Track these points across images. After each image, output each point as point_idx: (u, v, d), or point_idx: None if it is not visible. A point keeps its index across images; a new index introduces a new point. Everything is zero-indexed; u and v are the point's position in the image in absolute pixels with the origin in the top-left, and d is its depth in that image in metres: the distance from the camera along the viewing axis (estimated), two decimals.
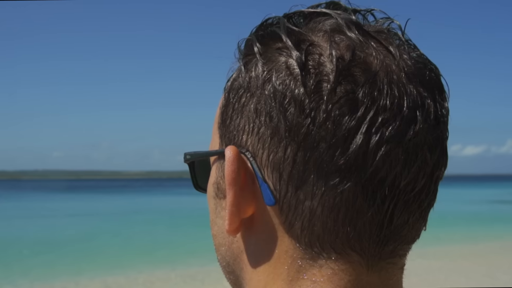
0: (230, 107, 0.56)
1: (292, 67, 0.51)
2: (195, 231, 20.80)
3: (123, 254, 14.62)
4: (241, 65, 0.56)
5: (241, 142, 0.54)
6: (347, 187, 0.49)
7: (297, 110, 0.50)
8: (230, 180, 0.53)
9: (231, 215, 0.53)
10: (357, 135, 0.48)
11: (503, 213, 28.29)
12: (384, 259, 0.52)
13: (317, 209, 0.50)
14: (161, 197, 56.40)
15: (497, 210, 30.51)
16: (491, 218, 23.90)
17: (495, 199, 45.15)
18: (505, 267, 11.55)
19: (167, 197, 56.21)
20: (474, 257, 12.75)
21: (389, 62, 0.51)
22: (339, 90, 0.49)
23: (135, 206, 39.77)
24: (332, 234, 0.50)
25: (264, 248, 0.54)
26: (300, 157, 0.50)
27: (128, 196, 61.27)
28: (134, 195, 63.03)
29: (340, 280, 0.51)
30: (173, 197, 56.40)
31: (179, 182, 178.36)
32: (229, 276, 0.61)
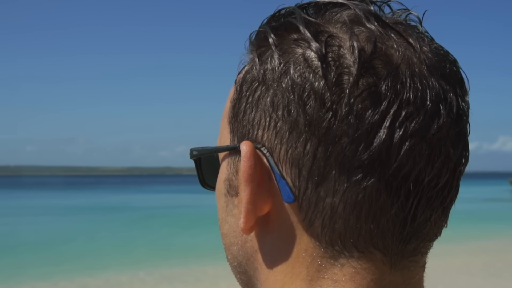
0: (243, 101, 0.55)
1: (311, 59, 0.51)
2: (176, 230, 20.75)
3: (99, 254, 14.54)
4: (255, 57, 0.55)
5: (256, 137, 0.53)
6: (371, 183, 0.49)
7: (318, 103, 0.49)
8: (247, 176, 0.52)
9: (247, 213, 0.53)
10: (380, 130, 0.48)
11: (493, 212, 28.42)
12: (407, 257, 0.52)
13: (339, 206, 0.50)
14: (141, 195, 56.12)
15: (487, 209, 30.66)
16: (481, 217, 23.95)
17: (486, 197, 45.57)
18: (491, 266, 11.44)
19: (148, 195, 55.95)
20: (468, 256, 12.68)
21: (410, 54, 0.51)
22: (361, 83, 0.49)
23: (113, 203, 39.45)
24: (355, 232, 0.50)
25: (281, 247, 0.54)
26: (321, 152, 0.49)
27: (106, 193, 60.89)
28: (111, 192, 62.65)
29: (362, 280, 0.51)
30: (154, 195, 56.16)
31: (161, 178, 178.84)
32: (240, 276, 0.60)
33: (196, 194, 57.67)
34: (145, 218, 26.44)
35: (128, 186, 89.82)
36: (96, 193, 59.44)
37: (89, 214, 29.15)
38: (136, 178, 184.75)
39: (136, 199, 46.51)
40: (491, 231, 18.01)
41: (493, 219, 23.31)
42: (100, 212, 30.37)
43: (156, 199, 47.44)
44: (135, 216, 27.87)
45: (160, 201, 42.99)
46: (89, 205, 36.52)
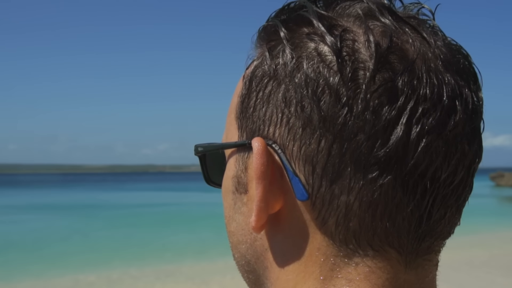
0: (253, 96, 0.54)
1: (324, 54, 0.50)
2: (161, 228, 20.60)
3: (87, 252, 14.45)
4: (265, 51, 0.54)
5: (268, 134, 0.52)
6: (387, 181, 0.48)
7: (333, 99, 0.48)
8: (260, 174, 0.51)
9: (259, 211, 0.52)
10: (397, 126, 0.48)
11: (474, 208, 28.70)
12: (421, 256, 0.52)
13: (354, 204, 0.49)
14: (124, 193, 55.72)
15: (467, 204, 30.90)
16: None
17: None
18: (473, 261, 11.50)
19: (130, 193, 55.58)
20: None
21: (425, 49, 0.51)
22: (378, 79, 0.48)
23: (97, 201, 39.09)
24: (370, 230, 0.49)
25: (293, 245, 0.53)
26: (336, 149, 0.48)
27: (89, 191, 60.39)
28: (95, 190, 62.14)
29: (377, 279, 0.50)
30: (137, 193, 55.81)
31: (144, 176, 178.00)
32: (248, 275, 0.59)
33: (178, 192, 57.43)
34: (130, 216, 26.26)
35: (111, 184, 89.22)
36: (79, 191, 58.93)
37: (74, 212, 28.85)
38: (119, 176, 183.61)
39: (120, 197, 46.16)
40: (472, 226, 18.16)
41: (474, 214, 23.51)
42: (84, 210, 30.11)
43: (140, 197, 47.15)
44: (120, 214, 27.65)
45: (144, 199, 42.72)
46: (72, 204, 36.17)
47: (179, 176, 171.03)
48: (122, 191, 59.06)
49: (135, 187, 72.34)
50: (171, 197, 46.25)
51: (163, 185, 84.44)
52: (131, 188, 70.52)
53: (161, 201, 39.87)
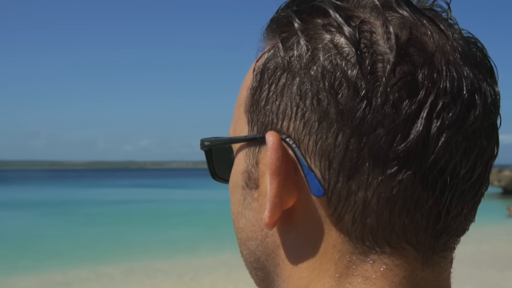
0: (265, 89, 0.53)
1: (341, 46, 0.49)
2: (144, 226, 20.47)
3: (63, 249, 14.35)
4: (277, 43, 0.53)
5: (281, 128, 0.51)
6: (406, 176, 0.47)
7: (351, 92, 0.47)
8: (275, 169, 0.50)
9: (273, 206, 0.50)
10: (417, 120, 0.47)
11: None
12: (437, 253, 0.51)
13: (372, 200, 0.48)
14: (105, 189, 55.28)
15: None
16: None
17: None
18: None
19: (111, 189, 55.16)
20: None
21: (444, 42, 0.50)
22: (397, 72, 0.47)
23: (77, 198, 38.72)
24: (388, 227, 0.48)
25: (307, 242, 0.51)
26: (354, 143, 0.47)
27: (68, 187, 59.80)
28: (74, 187, 61.55)
29: (395, 276, 0.49)
30: (118, 189, 55.39)
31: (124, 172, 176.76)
32: (257, 272, 0.58)
33: (160, 189, 57.15)
34: (111, 213, 26.06)
35: (92, 180, 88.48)
36: (59, 188, 58.33)
37: (54, 209, 28.53)
38: (99, 172, 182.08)
39: (101, 194, 45.81)
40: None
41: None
42: (65, 207, 29.81)
43: (121, 193, 46.82)
44: (101, 210, 27.42)
45: (125, 196, 42.43)
46: (52, 200, 35.78)
47: (160, 173, 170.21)
48: (103, 188, 58.64)
49: (116, 184, 71.85)
50: (153, 193, 46.02)
51: (144, 181, 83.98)
52: (112, 184, 70.03)
53: (143, 197, 39.68)
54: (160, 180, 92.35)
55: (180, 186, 63.04)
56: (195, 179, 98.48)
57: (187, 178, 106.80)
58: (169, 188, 57.43)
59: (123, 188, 57.16)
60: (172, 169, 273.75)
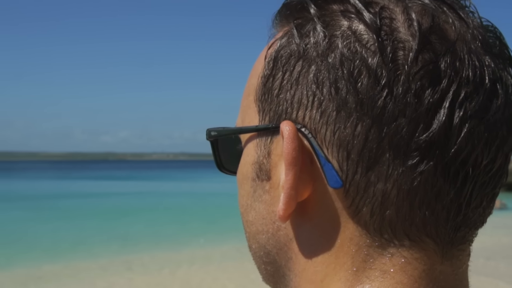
0: (279, 77, 0.52)
1: (359, 33, 0.48)
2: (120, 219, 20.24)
3: (37, 243, 14.19)
4: (292, 29, 0.52)
5: (296, 117, 0.50)
6: (427, 168, 0.47)
7: (371, 80, 0.47)
8: (291, 159, 0.49)
9: (289, 199, 0.50)
10: (440, 110, 0.46)
11: None
12: (456, 246, 0.50)
13: (392, 192, 0.47)
14: (82, 181, 54.79)
15: None
16: None
17: None
18: None
19: (89, 182, 54.69)
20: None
21: (465, 30, 0.49)
22: (420, 60, 0.47)
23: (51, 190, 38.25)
24: (407, 219, 0.48)
25: (322, 235, 0.51)
26: (374, 133, 0.47)
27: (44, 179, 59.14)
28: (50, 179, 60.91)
29: (414, 270, 0.48)
30: (95, 181, 54.93)
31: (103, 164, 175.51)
32: (266, 266, 0.57)
33: (139, 181, 56.77)
34: (88, 206, 25.79)
35: (69, 172, 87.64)
36: (34, 180, 57.61)
37: (26, 203, 28.10)
38: (77, 163, 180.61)
39: (78, 186, 45.33)
40: None
41: None
42: (38, 200, 29.39)
43: (99, 186, 46.38)
44: (73, 204, 27.07)
45: (103, 188, 42.03)
46: (27, 194, 35.29)
47: (141, 165, 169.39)
48: (80, 180, 58.06)
49: (94, 176, 71.21)
50: (132, 186, 45.64)
51: (124, 173, 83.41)
52: (90, 176, 69.39)
53: (121, 190, 39.30)
54: (140, 172, 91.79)
55: (161, 178, 62.67)
56: (176, 171, 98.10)
57: (168, 170, 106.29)
58: (148, 180, 57.06)
59: (100, 180, 56.65)
60: (153, 161, 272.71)
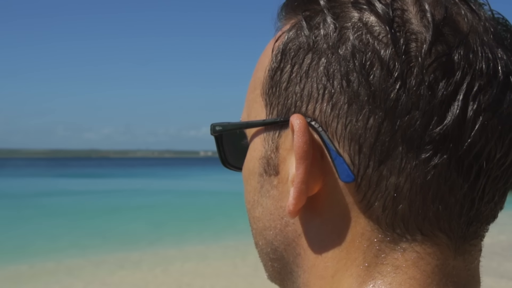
0: (287, 70, 0.51)
1: (371, 24, 0.48)
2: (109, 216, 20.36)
3: (26, 242, 14.26)
4: (300, 21, 0.52)
5: (306, 111, 0.50)
6: (441, 161, 0.46)
7: (384, 73, 0.46)
8: (302, 153, 0.48)
9: (299, 193, 0.49)
10: (454, 103, 0.46)
11: None
12: (468, 241, 0.50)
13: (404, 186, 0.47)
14: (65, 179, 54.61)
15: None
16: None
17: None
18: None
19: (72, 179, 54.52)
20: None
21: (477, 22, 0.49)
22: (433, 52, 0.46)
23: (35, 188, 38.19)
24: (420, 214, 0.48)
25: (332, 230, 0.50)
26: (387, 126, 0.46)
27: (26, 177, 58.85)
28: (33, 176, 60.61)
29: (427, 265, 0.48)
30: (80, 180, 54.80)
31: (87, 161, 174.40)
32: (273, 263, 0.56)
33: (124, 178, 56.69)
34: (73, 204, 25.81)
35: (51, 169, 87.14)
36: (15, 178, 57.27)
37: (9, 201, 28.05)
38: (60, 160, 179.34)
39: (61, 184, 45.23)
40: None
41: None
42: (21, 199, 29.34)
43: (84, 183, 46.31)
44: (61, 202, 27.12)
45: (88, 186, 42.00)
46: (7, 191, 35.17)
47: (125, 162, 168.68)
48: (63, 177, 57.83)
49: (77, 173, 70.91)
50: (116, 183, 45.65)
51: (107, 171, 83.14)
52: (73, 174, 69.09)
53: (105, 187, 39.32)
54: (125, 169, 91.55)
55: (146, 176, 62.60)
56: (161, 168, 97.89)
57: (153, 167, 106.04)
58: (133, 178, 57.01)
59: (83, 178, 56.51)
60: (137, 158, 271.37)
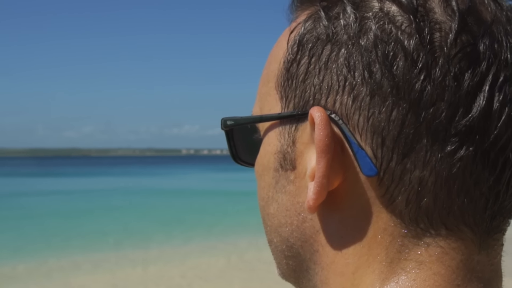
0: (304, 62, 0.51)
1: (393, 14, 0.47)
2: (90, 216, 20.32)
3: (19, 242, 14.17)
4: (318, 12, 0.51)
5: (326, 103, 0.49)
6: (467, 154, 0.46)
7: (408, 63, 0.46)
8: (323, 147, 0.48)
9: (321, 188, 0.48)
10: (479, 94, 0.46)
11: None
12: (492, 235, 0.50)
13: (429, 180, 0.46)
14: (45, 178, 54.19)
15: None
16: None
17: None
18: None
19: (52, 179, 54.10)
20: None
21: (500, 12, 0.49)
22: (458, 42, 0.46)
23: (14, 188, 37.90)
24: (445, 208, 0.47)
25: (353, 226, 0.49)
26: (411, 118, 0.46)
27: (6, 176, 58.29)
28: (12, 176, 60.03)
29: (451, 260, 0.47)
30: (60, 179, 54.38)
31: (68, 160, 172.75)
32: (288, 261, 0.55)
33: (105, 177, 56.37)
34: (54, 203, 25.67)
35: (31, 168, 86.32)
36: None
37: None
38: (40, 160, 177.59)
39: (41, 183, 44.91)
40: None
41: None
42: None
43: (64, 183, 46.04)
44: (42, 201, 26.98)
45: (68, 185, 41.77)
46: None
47: (106, 160, 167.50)
48: (43, 177, 57.38)
49: (54, 172, 70.34)
50: (98, 182, 45.46)
51: (89, 169, 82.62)
52: (49, 173, 68.54)
53: (87, 187, 39.16)
54: (106, 168, 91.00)
55: (127, 175, 62.35)
56: (142, 167, 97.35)
57: (135, 166, 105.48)
58: (114, 176, 56.74)
59: (67, 177, 56.11)
60: (118, 157, 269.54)
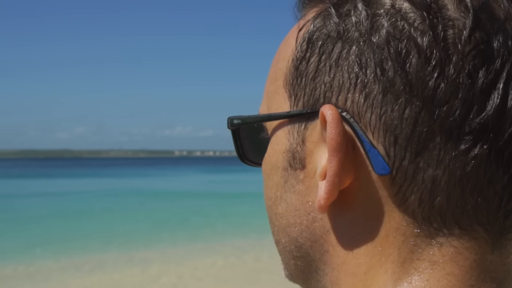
0: (314, 60, 0.51)
1: (405, 11, 0.47)
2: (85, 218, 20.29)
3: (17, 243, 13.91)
4: (328, 8, 0.51)
5: (337, 102, 0.49)
6: (481, 152, 0.46)
7: (421, 61, 0.46)
8: (335, 145, 0.47)
9: (332, 187, 0.48)
10: (494, 91, 0.45)
11: None
12: (504, 235, 0.49)
13: (443, 179, 0.46)
14: (38, 180, 54.03)
15: None
16: None
17: None
18: None
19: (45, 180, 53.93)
20: None
21: (511, 9, 0.49)
22: (472, 39, 0.46)
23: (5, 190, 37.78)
24: (458, 207, 0.47)
25: (365, 225, 0.49)
26: (425, 116, 0.46)
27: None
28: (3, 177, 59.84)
29: (465, 260, 0.47)
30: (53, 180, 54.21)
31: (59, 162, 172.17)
32: (296, 262, 0.55)
33: (98, 178, 56.24)
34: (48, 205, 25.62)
35: (22, 170, 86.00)
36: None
37: None
38: (31, 161, 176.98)
39: (35, 185, 44.77)
40: None
41: None
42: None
43: (57, 184, 45.92)
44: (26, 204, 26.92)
45: (61, 187, 41.67)
46: None
47: (98, 162, 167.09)
48: (35, 178, 57.20)
49: (45, 174, 70.11)
50: (90, 184, 45.37)
51: (81, 171, 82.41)
52: (45, 174, 68.35)
53: (80, 188, 39.08)
54: (98, 169, 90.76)
55: (119, 176, 62.26)
56: (135, 168, 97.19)
57: (127, 167, 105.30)
58: (106, 178, 56.66)
59: (59, 179, 55.95)
60: (110, 158, 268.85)
